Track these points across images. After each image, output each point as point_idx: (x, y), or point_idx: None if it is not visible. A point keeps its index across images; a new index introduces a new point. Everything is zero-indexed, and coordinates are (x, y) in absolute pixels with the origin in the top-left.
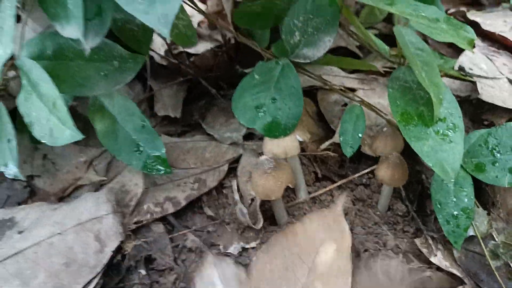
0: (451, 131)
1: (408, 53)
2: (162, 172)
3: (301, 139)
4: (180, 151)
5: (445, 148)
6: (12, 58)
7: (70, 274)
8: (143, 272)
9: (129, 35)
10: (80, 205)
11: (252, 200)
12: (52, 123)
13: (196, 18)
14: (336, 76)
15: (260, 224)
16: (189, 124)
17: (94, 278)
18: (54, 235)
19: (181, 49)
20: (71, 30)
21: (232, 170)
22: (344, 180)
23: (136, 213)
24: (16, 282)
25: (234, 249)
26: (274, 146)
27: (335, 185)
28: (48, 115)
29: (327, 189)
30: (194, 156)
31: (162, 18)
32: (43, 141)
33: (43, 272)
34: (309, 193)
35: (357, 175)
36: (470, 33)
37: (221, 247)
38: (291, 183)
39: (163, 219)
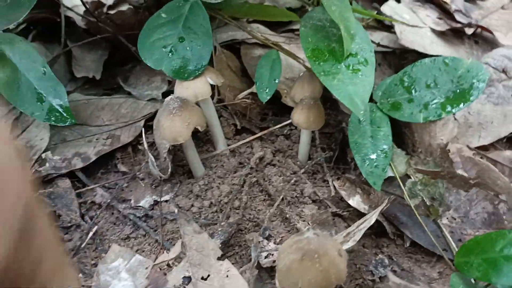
0: (362, 65)
1: None
2: (67, 122)
3: (212, 82)
4: (94, 107)
5: (355, 81)
6: None
7: None
8: None
9: None
10: None
11: (166, 155)
12: None
13: None
14: (263, 34)
15: (167, 173)
16: (112, 88)
17: None
18: None
19: (102, 9)
20: None
21: (151, 128)
22: (264, 132)
23: (38, 167)
24: None
25: (145, 202)
26: (183, 89)
27: (255, 136)
28: None
29: (246, 140)
30: (110, 112)
31: None
32: None
33: None
34: (228, 145)
35: (277, 126)
36: None
37: (132, 201)
38: (200, 125)
39: (71, 176)
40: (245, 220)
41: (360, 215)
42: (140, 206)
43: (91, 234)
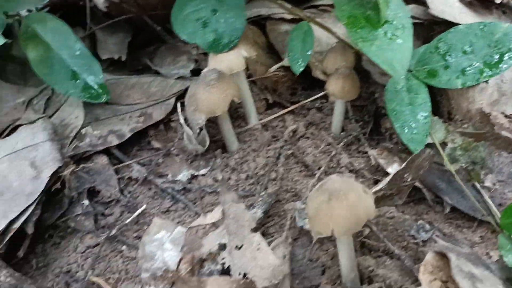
0: (399, 31)
1: None
2: (103, 99)
3: (246, 55)
4: (123, 86)
5: (393, 47)
6: None
7: (4, 203)
8: (86, 203)
9: None
10: (14, 137)
11: (201, 129)
12: None
13: None
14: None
15: (205, 145)
16: (137, 69)
17: (30, 205)
18: None
19: None
20: None
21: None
22: (295, 105)
23: (76, 145)
24: None
25: (183, 176)
26: (217, 62)
27: (287, 110)
28: None
29: (278, 114)
30: (139, 91)
31: None
32: None
33: None
34: (260, 120)
35: (309, 100)
36: None
37: (169, 176)
38: (236, 96)
39: (107, 153)
40: (283, 191)
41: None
42: (177, 180)
43: (132, 208)
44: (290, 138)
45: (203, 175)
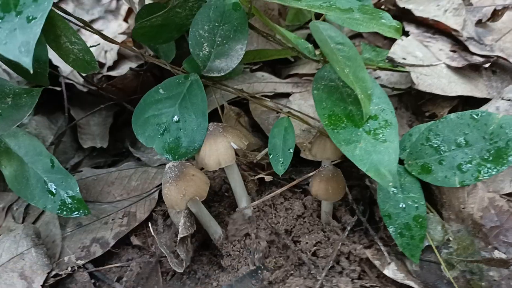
0: (384, 129)
1: (327, 49)
2: (81, 213)
3: (236, 147)
4: (104, 183)
5: (379, 149)
6: None
7: None
8: None
9: (22, 68)
10: None
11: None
12: None
13: (119, 39)
14: (268, 83)
15: (183, 267)
16: (120, 152)
17: None
18: None
19: (103, 73)
20: None
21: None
22: (287, 186)
23: (57, 264)
24: None
25: None
26: (205, 157)
27: (279, 191)
28: None
29: (270, 196)
30: (120, 186)
31: (22, 46)
32: None
33: None
34: (253, 200)
35: (300, 179)
36: (387, 19)
37: None
38: (198, 195)
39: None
40: None
41: (396, 284)
42: None
43: None
44: (282, 227)
45: None
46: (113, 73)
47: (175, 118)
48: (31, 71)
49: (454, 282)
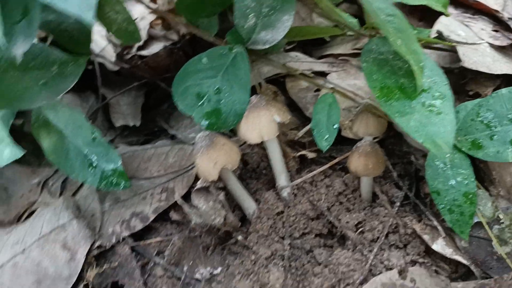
0: (438, 101)
1: (379, 20)
2: (121, 186)
3: (279, 120)
4: (140, 159)
5: (434, 121)
6: None
7: None
8: None
9: (66, 37)
10: (37, 220)
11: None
12: None
13: (147, 19)
14: (304, 62)
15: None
16: (153, 131)
17: None
18: (16, 255)
19: (133, 52)
20: None
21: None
22: (327, 165)
23: (99, 236)
24: None
25: (202, 272)
26: (248, 131)
27: (319, 170)
28: None
29: (311, 175)
30: (157, 163)
31: (83, 2)
32: None
33: None
34: (291, 178)
35: (342, 157)
36: None
37: (188, 268)
38: (229, 164)
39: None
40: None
41: (444, 259)
42: (197, 272)
43: None
44: (324, 204)
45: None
46: (144, 53)
47: (217, 89)
48: (92, 26)
49: (506, 258)
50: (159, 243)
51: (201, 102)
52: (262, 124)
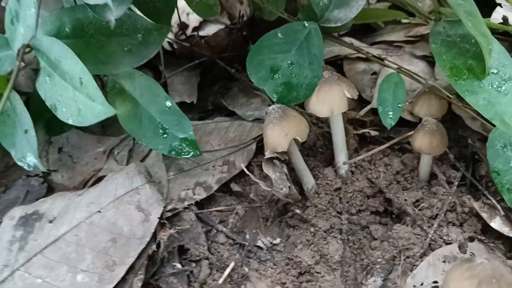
0: (505, 82)
1: (453, 3)
2: (191, 154)
3: (349, 96)
4: (202, 133)
5: (502, 101)
6: None
7: (119, 249)
8: (177, 264)
9: (150, 7)
10: (111, 183)
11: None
12: (80, 101)
13: None
14: (359, 47)
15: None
16: (206, 110)
17: (145, 248)
18: (92, 214)
19: (189, 33)
20: None
21: (261, 148)
22: (386, 144)
23: (168, 201)
24: (63, 268)
25: (261, 243)
26: (319, 103)
27: (377, 149)
28: (74, 93)
29: (370, 153)
30: (218, 137)
31: None
32: (70, 123)
33: (90, 252)
34: (349, 156)
35: (400, 137)
36: None
37: (250, 236)
38: (299, 135)
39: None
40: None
41: (500, 237)
42: (259, 239)
43: (221, 268)
44: (382, 182)
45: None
46: (201, 33)
47: (290, 63)
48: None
49: None
50: (221, 213)
51: (274, 75)
52: (333, 98)
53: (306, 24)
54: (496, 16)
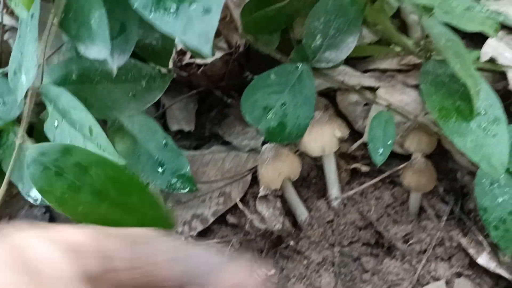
0: (493, 124)
1: (440, 45)
2: (188, 190)
3: (340, 135)
4: (199, 164)
5: (489, 142)
6: None
7: None
8: None
9: (149, 51)
10: None
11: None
12: (90, 150)
13: None
14: (352, 76)
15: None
16: (203, 137)
17: None
18: None
19: (187, 60)
20: (97, 50)
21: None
22: (377, 178)
23: None
24: None
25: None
26: (311, 142)
27: (369, 183)
28: (84, 142)
29: (361, 187)
30: (214, 168)
31: (202, 36)
32: None
33: None
34: (341, 189)
35: (390, 171)
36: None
37: None
38: (292, 174)
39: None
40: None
41: (486, 273)
42: None
43: None
44: (373, 215)
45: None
46: (198, 61)
47: (283, 103)
48: (210, 55)
49: None
50: (216, 244)
51: (268, 115)
52: (325, 139)
53: (299, 66)
54: (486, 49)
